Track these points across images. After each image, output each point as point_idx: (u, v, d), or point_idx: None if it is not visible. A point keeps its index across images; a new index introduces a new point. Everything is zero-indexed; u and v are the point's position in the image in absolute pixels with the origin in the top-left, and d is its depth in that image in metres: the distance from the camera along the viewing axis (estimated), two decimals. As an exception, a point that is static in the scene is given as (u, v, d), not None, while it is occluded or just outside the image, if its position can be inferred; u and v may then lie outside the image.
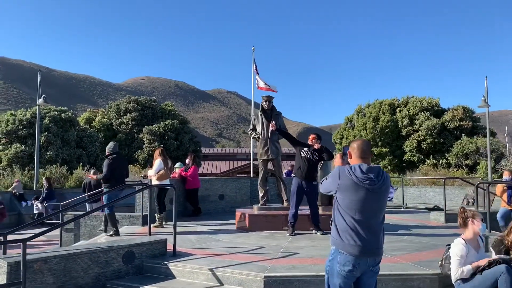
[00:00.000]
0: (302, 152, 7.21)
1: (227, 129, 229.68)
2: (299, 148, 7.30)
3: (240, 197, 11.57)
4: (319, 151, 7.19)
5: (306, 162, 7.14)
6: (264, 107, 8.29)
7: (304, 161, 7.15)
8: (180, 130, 28.30)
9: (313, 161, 7.18)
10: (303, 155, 7.18)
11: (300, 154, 7.22)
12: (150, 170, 8.54)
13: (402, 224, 8.82)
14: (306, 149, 7.21)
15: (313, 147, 7.18)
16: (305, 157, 7.16)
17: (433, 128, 25.77)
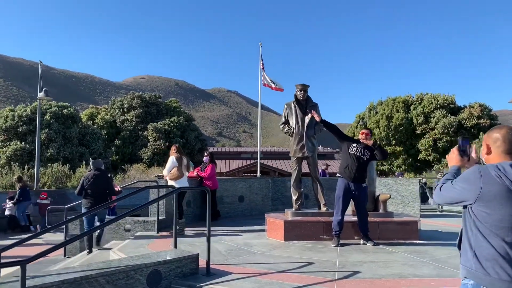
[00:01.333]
0: (351, 149, 6.16)
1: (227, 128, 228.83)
2: (347, 144, 6.25)
3: (260, 199, 10.53)
4: (370, 149, 6.14)
5: (355, 160, 6.09)
6: (299, 97, 7.23)
7: (353, 159, 6.10)
8: (185, 128, 27.20)
9: (364, 159, 6.13)
10: (351, 152, 6.14)
11: (348, 151, 6.17)
12: (165, 169, 7.55)
13: (454, 231, 7.77)
14: (356, 146, 6.17)
15: (364, 144, 6.13)
16: (354, 155, 6.11)
17: (449, 126, 24.74)
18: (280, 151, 46.88)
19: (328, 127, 6.48)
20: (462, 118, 25.28)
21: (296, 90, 7.29)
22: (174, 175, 7.30)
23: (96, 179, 7.20)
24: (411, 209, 9.88)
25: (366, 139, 6.16)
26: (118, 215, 4.01)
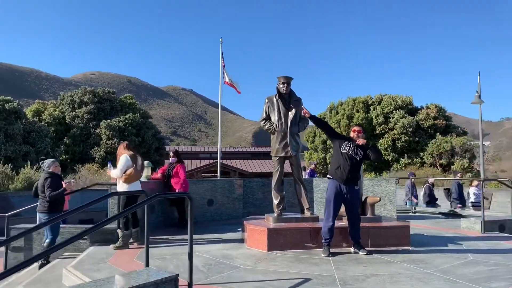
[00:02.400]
0: (343, 148, 5.56)
1: (182, 127, 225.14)
2: (338, 142, 5.64)
3: (231, 202, 9.74)
4: (363, 148, 5.57)
5: (347, 160, 5.49)
6: (282, 91, 6.54)
7: (345, 159, 5.50)
8: (141, 125, 25.72)
9: (357, 159, 5.55)
10: (344, 152, 5.54)
11: (340, 150, 5.57)
12: (113, 170, 6.50)
13: (438, 234, 7.43)
14: (348, 144, 5.57)
15: (357, 142, 5.55)
16: (347, 154, 5.52)
17: (408, 127, 25.19)
18: (240, 150, 46.22)
19: (318, 124, 5.86)
20: (419, 118, 25.84)
21: (278, 83, 6.60)
22: (130, 176, 6.21)
23: (59, 181, 6.59)
24: (387, 210, 9.49)
25: (358, 137, 5.58)
26: (56, 216, 3.09)
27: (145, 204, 3.66)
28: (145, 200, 3.53)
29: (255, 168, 39.44)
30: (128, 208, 3.27)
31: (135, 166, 6.31)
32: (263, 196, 10.07)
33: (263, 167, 40.27)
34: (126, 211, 3.08)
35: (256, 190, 10.05)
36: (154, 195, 3.81)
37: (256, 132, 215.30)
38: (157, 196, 3.84)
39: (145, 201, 3.50)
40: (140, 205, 3.42)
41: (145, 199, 3.57)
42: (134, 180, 6.28)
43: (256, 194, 10.04)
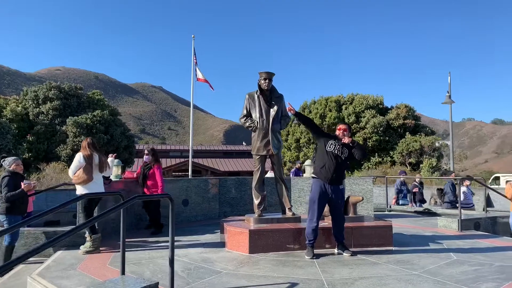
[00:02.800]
0: (328, 146, 5.38)
1: (151, 125, 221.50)
2: (324, 140, 5.46)
3: (207, 202, 9.44)
4: (348, 146, 5.42)
5: (333, 159, 5.33)
6: (263, 87, 6.30)
7: (330, 158, 5.33)
8: (110, 123, 24.83)
9: (342, 158, 5.39)
10: (329, 150, 5.36)
11: (325, 149, 5.39)
12: (69, 170, 6.00)
13: (418, 233, 7.41)
14: (334, 143, 5.40)
15: (342, 141, 5.39)
16: (332, 153, 5.35)
17: (379, 126, 25.57)
18: (211, 149, 45.72)
19: (303, 121, 5.65)
20: (390, 118, 26.27)
21: (259, 79, 6.36)
22: (80, 178, 5.73)
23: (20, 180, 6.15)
24: (364, 209, 9.46)
25: (343, 135, 5.43)
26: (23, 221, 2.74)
27: (122, 207, 3.34)
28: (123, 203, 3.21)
29: (227, 167, 39.09)
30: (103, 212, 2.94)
31: (87, 166, 5.77)
32: (240, 196, 9.82)
33: (236, 165, 39.99)
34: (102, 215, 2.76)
35: (232, 189, 9.79)
36: (132, 197, 3.49)
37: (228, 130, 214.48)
38: (136, 198, 3.52)
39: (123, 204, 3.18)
40: (116, 209, 3.10)
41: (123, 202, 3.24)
42: (86, 182, 5.76)
43: (232, 193, 9.78)
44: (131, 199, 3.37)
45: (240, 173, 38.16)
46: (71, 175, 5.89)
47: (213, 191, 9.56)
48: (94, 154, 5.93)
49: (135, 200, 3.46)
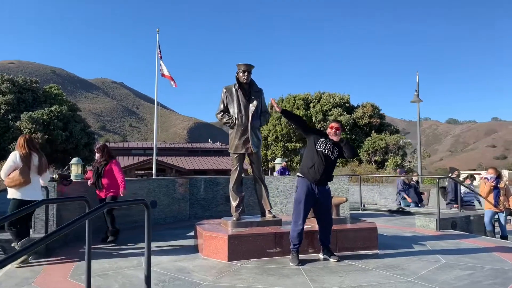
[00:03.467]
0: (319, 145, 5.00)
1: (111, 121, 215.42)
2: (314, 138, 5.08)
3: (176, 204, 8.88)
4: (339, 146, 5.07)
5: (323, 159, 4.96)
6: (242, 80, 5.85)
7: (320, 157, 4.96)
8: (69, 119, 23.41)
9: (331, 158, 5.03)
10: (319, 150, 4.99)
11: (315, 148, 5.01)
12: (1, 171, 5.21)
13: (398, 234, 7.23)
14: (324, 141, 5.03)
15: (332, 139, 5.03)
16: (323, 153, 4.97)
17: (346, 124, 25.73)
18: (176, 147, 44.67)
19: (290, 118, 5.24)
20: (356, 116, 26.51)
21: (238, 71, 5.90)
22: (15, 180, 5.01)
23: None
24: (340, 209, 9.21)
25: (335, 135, 5.06)
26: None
27: (89, 217, 2.80)
28: (89, 212, 2.66)
29: (192, 165, 38.27)
30: (72, 221, 2.39)
31: (24, 168, 5.06)
32: (212, 196, 9.33)
33: (201, 164, 39.25)
34: (71, 224, 2.23)
35: (204, 189, 9.28)
36: (102, 204, 2.96)
37: (191, 128, 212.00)
38: (105, 206, 2.98)
39: (90, 213, 2.64)
40: (83, 219, 2.55)
41: (90, 210, 2.70)
42: (21, 185, 5.04)
43: (203, 194, 9.27)
44: (100, 206, 2.84)
45: (206, 171, 37.47)
46: (3, 176, 5.07)
47: (183, 191, 9.02)
48: (33, 154, 5.20)
49: (105, 208, 2.92)
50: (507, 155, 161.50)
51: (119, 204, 5.40)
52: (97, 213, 2.97)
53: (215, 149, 44.85)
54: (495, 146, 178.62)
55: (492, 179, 8.24)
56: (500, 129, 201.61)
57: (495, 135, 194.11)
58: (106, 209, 5.66)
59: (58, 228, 2.34)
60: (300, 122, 5.20)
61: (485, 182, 8.40)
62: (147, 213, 3.13)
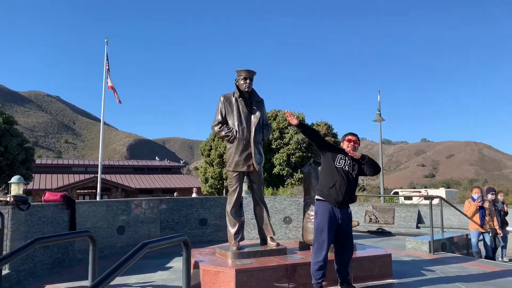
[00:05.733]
0: (337, 162, 4.37)
1: (45, 137, 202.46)
2: (331, 155, 4.43)
3: (146, 228, 7.83)
4: (358, 162, 4.47)
5: (344, 177, 4.33)
6: (243, 88, 5.13)
7: (341, 175, 4.32)
8: (5, 132, 20.97)
9: (353, 176, 4.42)
10: (339, 166, 4.35)
11: (334, 165, 4.37)
12: None
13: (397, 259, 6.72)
14: (343, 157, 4.41)
15: (351, 155, 4.43)
16: (343, 170, 4.35)
17: (302, 142, 25.61)
18: (121, 164, 42.19)
19: (306, 133, 4.57)
20: (312, 135, 26.59)
21: (238, 78, 5.18)
22: None
23: None
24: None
25: (354, 148, 4.47)
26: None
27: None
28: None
29: (138, 184, 36.19)
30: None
31: None
32: (185, 220, 8.38)
33: (148, 182, 37.29)
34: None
35: (175, 211, 8.32)
36: (31, 241, 2.10)
37: (132, 144, 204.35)
38: (35, 243, 2.12)
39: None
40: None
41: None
42: None
43: (175, 216, 8.30)
44: (31, 243, 1.97)
45: (153, 190, 35.57)
46: None
47: (155, 215, 7.98)
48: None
49: (35, 245, 2.07)
50: (435, 173, 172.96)
51: (58, 239, 4.36)
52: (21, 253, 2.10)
53: (163, 167, 42.99)
54: (424, 165, 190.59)
55: (478, 199, 8.11)
56: (428, 150, 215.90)
57: (424, 155, 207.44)
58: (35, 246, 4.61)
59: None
60: (316, 137, 4.56)
61: (470, 202, 8.25)
62: (92, 247, 2.31)
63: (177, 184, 37.44)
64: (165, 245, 2.29)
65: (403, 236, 11.05)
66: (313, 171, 5.35)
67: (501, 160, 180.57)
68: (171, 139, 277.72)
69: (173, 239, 2.34)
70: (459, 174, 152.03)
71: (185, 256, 2.42)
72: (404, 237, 10.20)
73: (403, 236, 10.79)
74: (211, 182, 26.72)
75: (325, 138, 23.37)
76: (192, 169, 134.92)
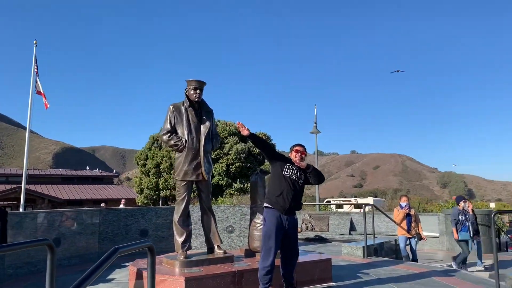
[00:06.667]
0: (286, 171, 4.60)
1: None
2: (280, 164, 4.66)
3: (84, 240, 7.51)
4: (304, 171, 4.74)
5: (291, 186, 4.56)
6: (193, 98, 5.21)
7: (288, 184, 4.56)
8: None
9: (300, 184, 4.68)
10: (287, 175, 4.59)
11: (282, 174, 4.59)
12: None
13: (335, 264, 7.09)
14: (291, 167, 4.65)
15: (298, 165, 4.68)
16: (290, 179, 4.59)
17: (241, 153, 25.89)
18: (47, 174, 39.47)
19: (257, 143, 4.75)
20: (250, 145, 26.92)
21: (188, 88, 5.25)
22: None
23: None
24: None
25: (301, 159, 4.73)
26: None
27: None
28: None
29: (67, 195, 34.12)
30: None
31: None
32: (125, 231, 8.17)
33: (78, 193, 35.31)
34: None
35: (115, 222, 8.08)
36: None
37: (58, 153, 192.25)
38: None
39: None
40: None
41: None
42: None
43: (114, 227, 8.06)
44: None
45: (83, 201, 33.71)
46: None
47: (93, 226, 7.69)
48: None
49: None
50: (362, 184, 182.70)
51: (13, 248, 4.16)
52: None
53: (94, 177, 40.94)
54: (353, 176, 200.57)
55: (406, 206, 8.81)
56: (357, 161, 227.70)
57: (353, 166, 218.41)
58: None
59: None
60: (267, 148, 4.77)
61: (398, 210, 8.94)
62: (51, 257, 2.36)
63: (109, 195, 35.86)
64: (134, 250, 2.31)
65: (339, 242, 11.62)
66: (260, 180, 5.55)
67: (422, 171, 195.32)
68: (101, 148, 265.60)
69: (140, 245, 2.37)
70: (385, 184, 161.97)
71: (150, 261, 2.46)
72: (339, 243, 10.75)
73: (339, 242, 11.36)
74: (146, 193, 26.00)
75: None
76: (124, 179, 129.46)
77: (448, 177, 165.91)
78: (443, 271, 6.71)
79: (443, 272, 6.57)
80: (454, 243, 11.98)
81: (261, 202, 5.43)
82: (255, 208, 5.53)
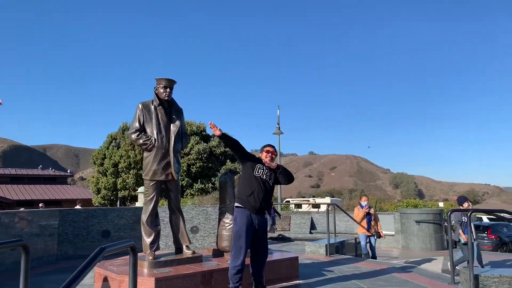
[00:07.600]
0: (256, 171, 4.66)
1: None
2: (251, 164, 4.71)
3: (42, 242, 7.20)
4: (274, 171, 4.82)
5: (261, 185, 4.63)
6: (162, 97, 5.15)
7: (259, 184, 4.62)
8: None
9: (270, 184, 4.75)
10: (257, 175, 4.65)
11: (253, 174, 4.65)
12: None
13: (300, 262, 7.26)
14: (261, 167, 4.72)
15: (268, 165, 4.75)
16: (261, 178, 4.65)
17: (203, 153, 25.68)
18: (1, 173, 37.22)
19: (229, 143, 4.76)
20: (212, 145, 26.79)
21: (157, 86, 5.19)
22: None
23: None
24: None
25: (271, 159, 4.81)
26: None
27: None
28: None
29: (17, 195, 32.41)
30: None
31: None
32: (86, 232, 7.91)
33: (29, 193, 33.63)
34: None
35: (75, 223, 7.81)
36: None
37: (6, 151, 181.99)
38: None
39: None
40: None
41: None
42: None
43: (75, 228, 7.79)
44: None
45: (34, 202, 32.12)
46: None
47: (52, 227, 7.39)
48: None
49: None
50: (320, 184, 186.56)
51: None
52: None
53: (46, 176, 39.13)
54: (311, 176, 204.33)
55: (366, 206, 9.14)
56: (314, 162, 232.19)
57: (311, 167, 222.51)
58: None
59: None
60: (238, 148, 4.80)
61: (359, 209, 9.25)
62: (25, 258, 2.35)
63: (63, 195, 34.45)
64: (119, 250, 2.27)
65: (301, 241, 11.83)
66: (229, 179, 5.58)
67: (376, 172, 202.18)
68: (53, 146, 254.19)
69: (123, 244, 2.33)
70: (341, 184, 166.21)
71: (132, 261, 2.42)
72: (302, 242, 10.95)
73: (301, 241, 11.57)
74: (103, 193, 25.19)
75: (226, 148, 23.63)
76: (77, 179, 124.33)
77: (400, 178, 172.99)
78: (401, 267, 7.04)
79: (401, 268, 6.88)
80: (409, 241, 12.57)
81: (230, 202, 5.46)
82: (224, 208, 5.55)
